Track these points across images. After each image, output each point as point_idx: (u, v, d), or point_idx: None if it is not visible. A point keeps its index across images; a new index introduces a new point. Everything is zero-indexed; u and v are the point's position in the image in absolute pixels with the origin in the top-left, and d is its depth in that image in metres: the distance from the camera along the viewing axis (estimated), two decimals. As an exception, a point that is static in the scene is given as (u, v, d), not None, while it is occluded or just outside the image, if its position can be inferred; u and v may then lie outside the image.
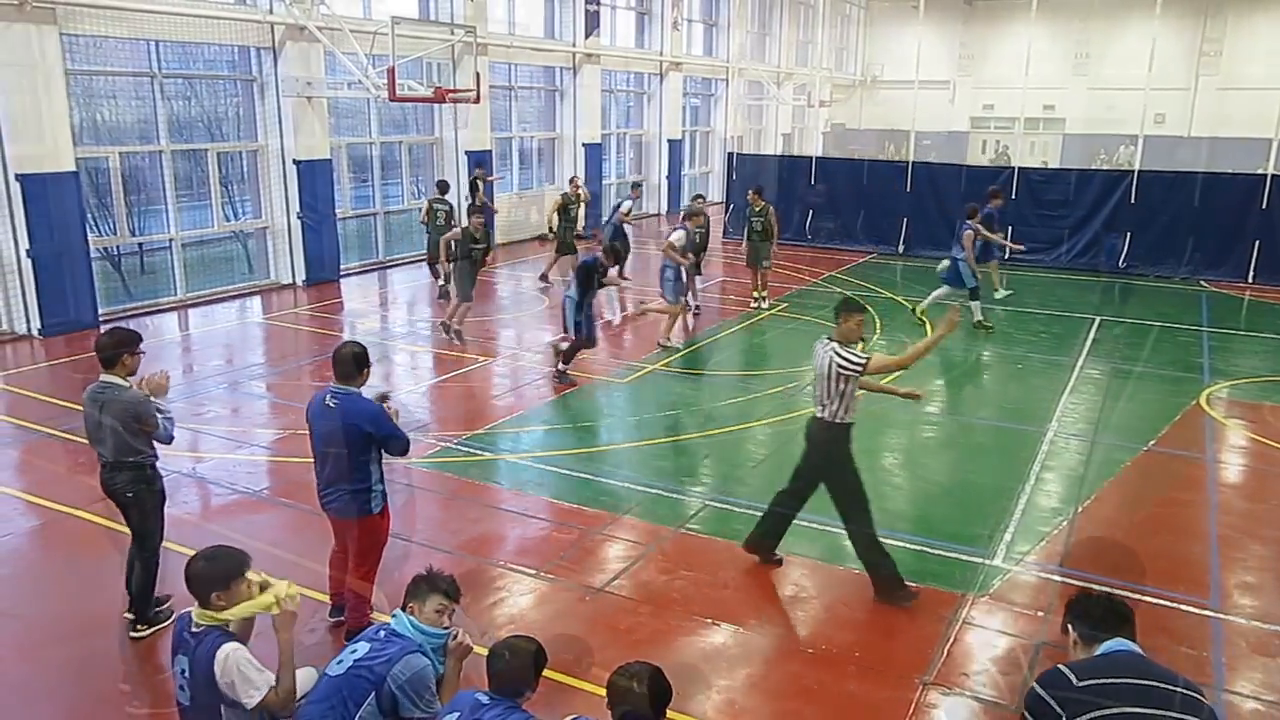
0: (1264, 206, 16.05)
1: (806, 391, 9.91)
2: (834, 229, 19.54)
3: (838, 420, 5.61)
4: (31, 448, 7.95)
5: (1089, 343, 11.90)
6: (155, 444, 5.09)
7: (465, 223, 12.06)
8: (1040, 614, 5.59)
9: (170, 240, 13.38)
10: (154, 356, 11.02)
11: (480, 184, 16.74)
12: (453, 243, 11.87)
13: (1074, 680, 2.75)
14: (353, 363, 4.75)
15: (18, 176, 10.89)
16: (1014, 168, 18.31)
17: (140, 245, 13.75)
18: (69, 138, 11.39)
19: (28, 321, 11.33)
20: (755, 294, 13.93)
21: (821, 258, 18.17)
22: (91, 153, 12.24)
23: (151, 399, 4.97)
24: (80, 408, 5.08)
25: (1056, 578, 6.02)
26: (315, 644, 5.03)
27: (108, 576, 5.39)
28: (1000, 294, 14.45)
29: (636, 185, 17.70)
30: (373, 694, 3.40)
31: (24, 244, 11.09)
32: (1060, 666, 2.84)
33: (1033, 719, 2.80)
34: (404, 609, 3.68)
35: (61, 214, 11.29)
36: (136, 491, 5.04)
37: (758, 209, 13.86)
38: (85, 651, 5.05)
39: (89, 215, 12.14)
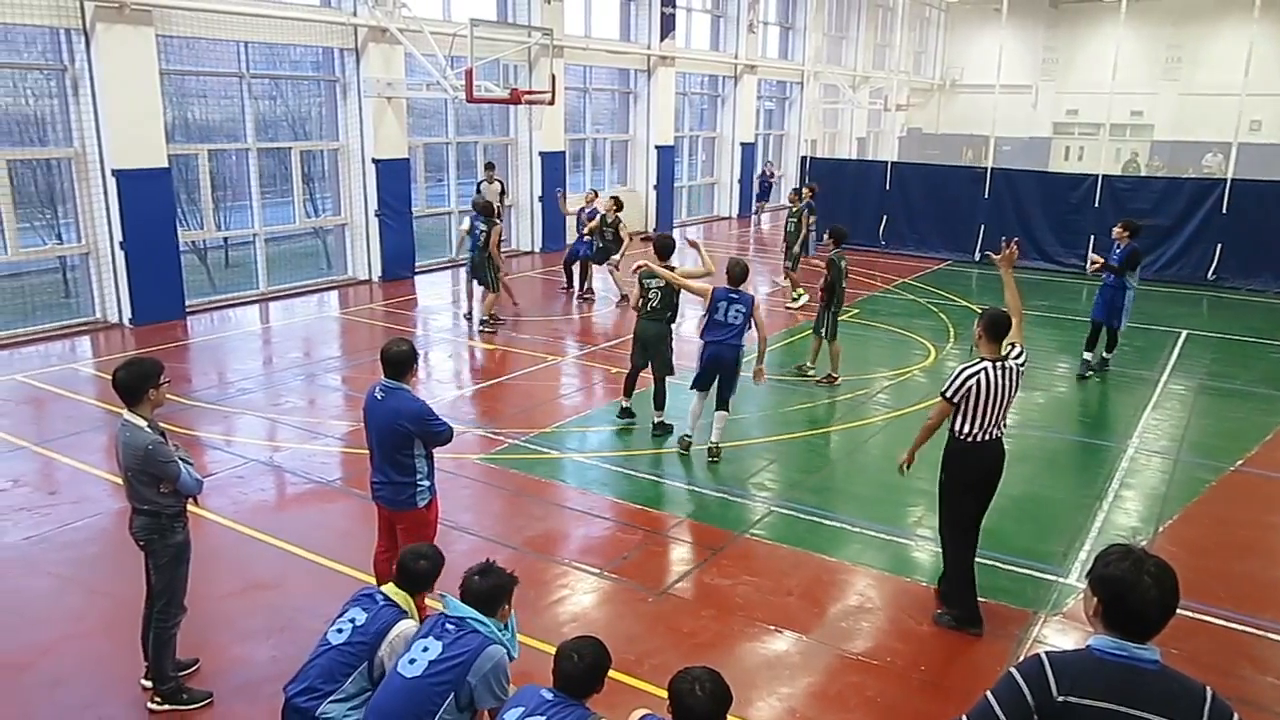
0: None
1: (878, 399, 9.79)
2: (907, 235, 19.20)
3: None
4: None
5: (1174, 357, 11.48)
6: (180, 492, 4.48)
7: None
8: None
9: (254, 235, 13.82)
10: (236, 348, 11.41)
11: (487, 184, 15.27)
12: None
13: (1054, 691, 2.35)
14: (401, 362, 4.88)
15: (114, 172, 11.38)
16: (1098, 175, 17.70)
17: (225, 240, 14.28)
18: (162, 135, 11.85)
19: (119, 311, 11.82)
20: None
21: (894, 264, 17.89)
22: (182, 150, 12.71)
23: (167, 442, 4.43)
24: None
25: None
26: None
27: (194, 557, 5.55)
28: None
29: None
30: (452, 694, 3.45)
31: (118, 236, 11.58)
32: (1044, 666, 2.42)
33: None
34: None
35: (153, 209, 11.77)
36: (149, 541, 4.47)
37: (794, 209, 14.43)
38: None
39: (178, 210, 12.62)
